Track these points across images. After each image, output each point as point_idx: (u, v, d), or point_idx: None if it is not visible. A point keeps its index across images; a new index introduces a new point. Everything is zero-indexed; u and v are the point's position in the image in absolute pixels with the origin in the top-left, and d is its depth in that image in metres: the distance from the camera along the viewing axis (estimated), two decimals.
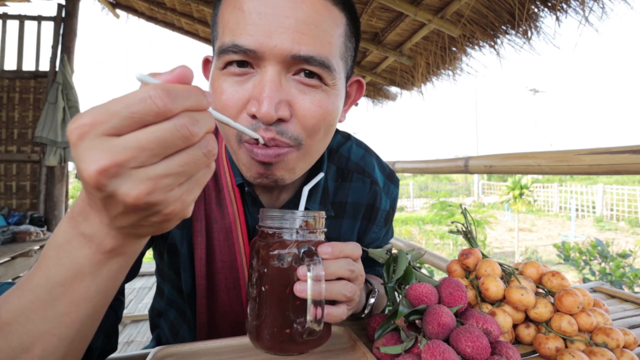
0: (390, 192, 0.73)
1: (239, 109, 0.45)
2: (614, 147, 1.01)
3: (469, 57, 2.42)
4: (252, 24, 0.42)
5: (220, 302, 0.59)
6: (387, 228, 0.76)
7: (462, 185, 23.33)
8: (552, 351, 0.53)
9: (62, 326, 0.34)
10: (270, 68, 0.43)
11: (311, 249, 0.43)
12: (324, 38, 0.44)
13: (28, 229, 3.50)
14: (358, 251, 0.46)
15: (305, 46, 0.43)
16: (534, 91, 32.09)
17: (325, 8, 0.44)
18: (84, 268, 0.32)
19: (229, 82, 0.45)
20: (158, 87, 0.26)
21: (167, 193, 0.28)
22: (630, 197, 13.78)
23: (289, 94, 0.45)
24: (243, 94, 0.44)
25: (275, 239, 0.44)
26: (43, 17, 4.16)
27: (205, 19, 3.73)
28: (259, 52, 0.42)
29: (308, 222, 0.44)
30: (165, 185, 0.27)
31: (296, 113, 0.45)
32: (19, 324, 0.34)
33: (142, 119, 0.25)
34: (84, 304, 0.34)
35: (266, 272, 0.44)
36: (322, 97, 0.46)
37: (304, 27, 0.42)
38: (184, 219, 0.40)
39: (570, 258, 4.51)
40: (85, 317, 0.35)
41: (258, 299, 0.45)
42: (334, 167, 0.68)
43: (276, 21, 0.41)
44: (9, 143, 3.99)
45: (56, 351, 0.35)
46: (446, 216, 10.75)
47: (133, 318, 2.62)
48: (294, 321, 0.44)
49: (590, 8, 1.59)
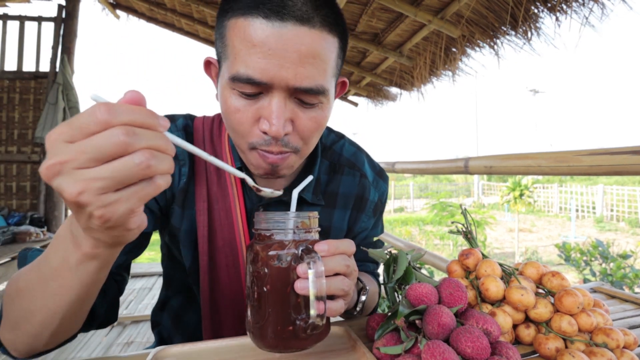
0: (379, 186, 0.78)
1: (251, 125, 0.54)
2: (614, 148, 1.01)
3: (469, 57, 2.42)
4: (263, 58, 0.49)
5: (221, 279, 0.64)
6: (376, 220, 0.80)
7: (462, 186, 23.34)
8: (552, 351, 0.53)
9: (54, 303, 0.42)
10: (277, 94, 0.51)
11: (309, 248, 0.45)
12: (322, 67, 0.52)
13: (28, 229, 3.50)
14: (352, 248, 0.49)
15: (307, 80, 0.51)
16: (534, 92, 32.12)
17: (323, 39, 0.51)
18: (69, 262, 0.39)
19: (242, 103, 0.53)
20: (102, 103, 0.30)
21: (97, 196, 0.31)
22: (631, 198, 13.78)
23: (292, 113, 0.53)
24: (254, 112, 0.53)
25: (273, 240, 0.46)
26: (43, 18, 4.17)
27: (205, 19, 3.73)
28: (269, 84, 0.50)
29: (304, 222, 0.47)
30: (97, 188, 0.30)
31: (297, 128, 0.55)
32: (27, 293, 0.44)
33: (88, 128, 0.30)
34: (68, 290, 0.41)
35: (267, 272, 0.45)
36: (318, 112, 0.55)
37: (306, 61, 0.50)
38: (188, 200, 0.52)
39: (570, 258, 4.51)
40: (70, 301, 0.42)
41: (260, 299, 0.46)
42: (327, 162, 0.75)
43: (283, 56, 0.49)
44: (9, 143, 3.99)
45: (51, 322, 0.44)
46: (446, 217, 10.75)
47: (133, 319, 2.62)
48: (296, 318, 0.46)
49: (590, 9, 1.59)
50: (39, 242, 3.49)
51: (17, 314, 0.45)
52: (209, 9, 3.28)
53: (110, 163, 0.30)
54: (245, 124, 0.53)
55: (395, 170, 2.66)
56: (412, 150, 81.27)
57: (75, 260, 0.38)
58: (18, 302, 0.45)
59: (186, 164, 0.65)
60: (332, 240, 0.47)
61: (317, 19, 0.50)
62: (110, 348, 2.27)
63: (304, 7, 0.49)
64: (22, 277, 0.45)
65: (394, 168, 2.67)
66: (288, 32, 0.48)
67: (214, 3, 3.28)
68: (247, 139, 0.55)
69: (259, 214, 0.48)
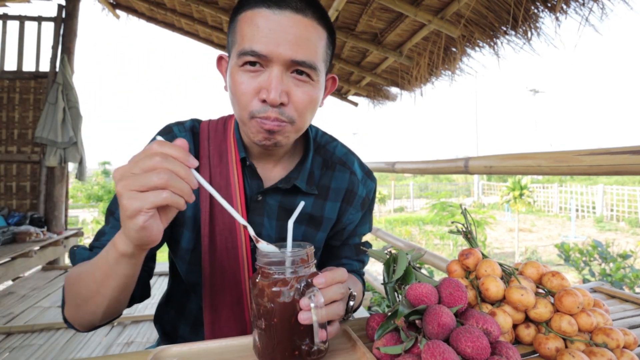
0: (367, 184, 0.86)
1: (252, 95, 0.63)
2: (613, 148, 1.01)
3: (469, 57, 2.42)
4: (265, 36, 0.60)
5: (219, 260, 0.71)
6: (364, 215, 0.87)
7: (462, 186, 23.34)
8: (552, 351, 0.53)
9: (104, 289, 0.55)
10: (276, 68, 0.61)
11: (309, 282, 0.52)
12: (313, 48, 0.63)
13: (28, 229, 3.50)
14: (345, 275, 0.56)
15: (301, 54, 0.61)
16: (533, 91, 32.09)
17: (313, 27, 0.63)
18: (113, 259, 0.52)
19: (245, 77, 0.63)
20: (159, 141, 0.47)
21: (127, 191, 0.44)
22: (631, 198, 13.78)
23: (288, 86, 0.63)
24: (255, 85, 0.62)
25: (276, 277, 0.51)
26: (43, 18, 4.17)
27: (205, 19, 3.73)
28: (269, 57, 0.60)
29: (303, 259, 0.53)
30: (128, 184, 0.44)
31: (292, 100, 0.64)
32: (84, 282, 0.58)
33: (145, 153, 0.46)
34: (113, 279, 0.54)
35: (273, 307, 0.50)
36: (310, 89, 0.65)
37: (300, 41, 0.61)
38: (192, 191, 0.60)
39: (570, 258, 4.51)
40: (114, 288, 0.55)
41: (268, 330, 0.51)
42: (320, 159, 0.83)
43: (281, 36, 0.60)
44: (9, 143, 3.99)
45: (102, 304, 0.57)
46: (446, 216, 10.76)
47: (133, 319, 2.62)
48: (300, 344, 0.51)
49: (590, 8, 1.59)
50: (38, 242, 3.49)
51: (78, 298, 0.59)
52: (208, 8, 3.28)
53: (145, 174, 0.44)
54: (247, 94, 0.63)
55: (395, 170, 2.66)
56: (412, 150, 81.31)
57: (113, 258, 0.52)
58: (77, 289, 0.59)
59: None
60: (327, 272, 0.54)
61: (309, 11, 0.62)
62: (111, 348, 2.27)
63: (299, 2, 0.61)
64: (82, 270, 0.59)
65: (394, 168, 2.67)
66: (286, 18, 0.60)
67: (214, 3, 3.28)
68: (248, 108, 0.63)
69: (261, 252, 0.54)
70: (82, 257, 0.66)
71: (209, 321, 0.70)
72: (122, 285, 0.56)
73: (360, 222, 0.87)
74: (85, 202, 13.90)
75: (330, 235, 0.84)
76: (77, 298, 0.60)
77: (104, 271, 0.54)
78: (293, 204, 0.76)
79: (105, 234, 0.68)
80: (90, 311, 0.59)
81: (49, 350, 2.19)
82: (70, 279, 0.62)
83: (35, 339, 2.33)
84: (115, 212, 0.69)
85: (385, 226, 12.64)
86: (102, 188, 14.01)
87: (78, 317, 0.62)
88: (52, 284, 3.36)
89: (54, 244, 3.74)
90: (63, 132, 3.88)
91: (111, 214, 0.69)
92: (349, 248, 0.87)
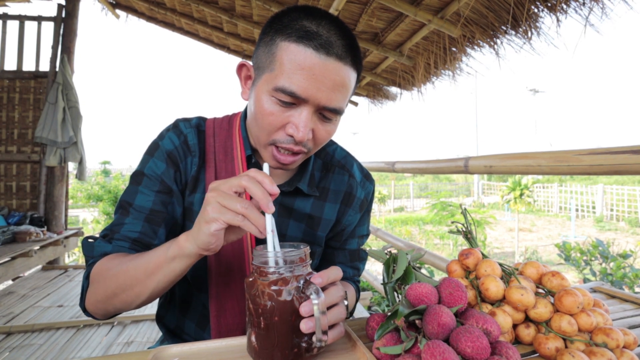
0: (366, 186, 0.88)
1: (278, 127, 0.66)
2: (614, 148, 1.01)
3: (469, 57, 2.42)
4: (306, 80, 0.61)
5: (224, 251, 0.74)
6: (362, 217, 0.89)
7: (462, 186, 23.33)
8: (552, 351, 0.53)
9: (150, 281, 0.60)
10: (308, 108, 0.64)
11: (307, 280, 0.53)
12: (345, 94, 0.66)
13: (28, 229, 3.50)
14: (340, 273, 0.58)
15: (335, 102, 0.64)
16: (534, 91, 32.07)
17: (351, 72, 0.65)
18: (172, 255, 0.57)
19: (276, 108, 0.64)
20: (245, 176, 0.54)
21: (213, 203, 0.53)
22: (630, 197, 13.78)
23: (314, 124, 0.66)
24: (284, 118, 0.65)
25: (276, 276, 0.52)
26: (43, 18, 4.17)
27: (205, 19, 3.73)
28: (305, 99, 0.63)
29: (301, 258, 0.54)
30: (214, 197, 0.53)
31: (314, 136, 0.68)
32: (134, 270, 0.61)
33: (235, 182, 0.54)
34: (163, 274, 0.59)
35: (274, 305, 0.51)
36: (332, 126, 0.70)
37: (337, 87, 0.63)
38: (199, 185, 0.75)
39: (570, 258, 4.51)
40: (161, 281, 0.60)
41: (268, 329, 0.51)
42: (320, 161, 0.85)
43: (321, 82, 0.62)
44: (9, 143, 3.99)
45: (142, 294, 0.62)
46: (446, 216, 10.75)
47: (133, 318, 2.62)
48: (299, 341, 0.52)
49: (590, 8, 1.59)
50: (38, 241, 3.49)
51: (117, 287, 0.62)
52: (208, 8, 3.28)
53: (231, 197, 0.52)
54: (274, 125, 0.66)
55: (395, 170, 2.66)
56: (412, 150, 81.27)
57: (173, 254, 0.57)
58: (115, 280, 0.62)
59: (196, 155, 0.76)
60: (323, 272, 0.55)
61: (349, 59, 0.64)
62: (111, 348, 2.27)
63: (343, 48, 0.63)
64: (124, 261, 0.63)
65: (394, 168, 2.66)
66: (330, 64, 0.61)
67: (214, 3, 3.27)
68: (271, 136, 0.67)
69: (259, 250, 0.55)
70: (104, 250, 0.68)
71: (215, 311, 0.72)
72: (168, 281, 0.60)
73: (358, 223, 0.89)
74: (85, 202, 13.88)
75: (330, 236, 0.86)
76: (115, 287, 0.62)
77: (157, 264, 0.59)
78: (293, 203, 0.80)
79: (125, 225, 0.70)
80: (128, 300, 0.63)
81: (49, 350, 2.19)
82: (103, 269, 0.65)
83: (35, 339, 2.33)
84: (133, 203, 0.71)
85: (385, 226, 12.64)
86: (102, 188, 13.98)
87: (108, 305, 0.65)
88: (52, 284, 3.36)
89: (54, 243, 3.74)
90: (63, 131, 3.88)
91: (129, 205, 0.71)
92: (343, 254, 0.89)
